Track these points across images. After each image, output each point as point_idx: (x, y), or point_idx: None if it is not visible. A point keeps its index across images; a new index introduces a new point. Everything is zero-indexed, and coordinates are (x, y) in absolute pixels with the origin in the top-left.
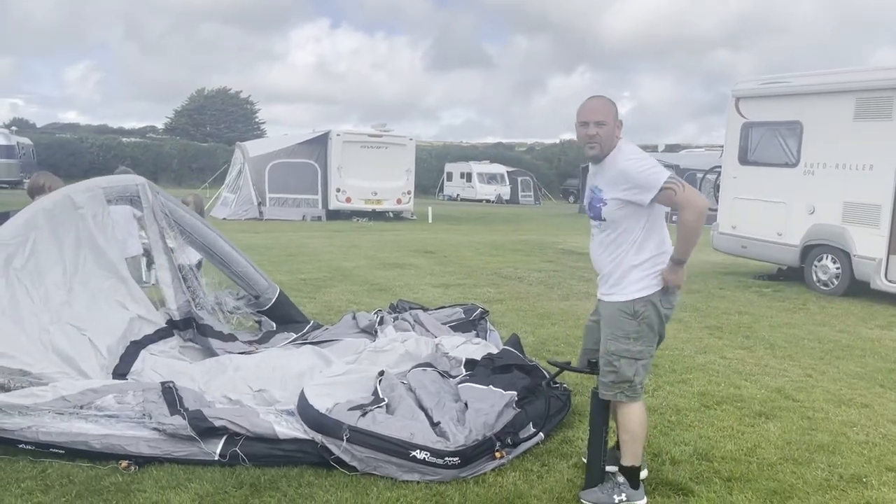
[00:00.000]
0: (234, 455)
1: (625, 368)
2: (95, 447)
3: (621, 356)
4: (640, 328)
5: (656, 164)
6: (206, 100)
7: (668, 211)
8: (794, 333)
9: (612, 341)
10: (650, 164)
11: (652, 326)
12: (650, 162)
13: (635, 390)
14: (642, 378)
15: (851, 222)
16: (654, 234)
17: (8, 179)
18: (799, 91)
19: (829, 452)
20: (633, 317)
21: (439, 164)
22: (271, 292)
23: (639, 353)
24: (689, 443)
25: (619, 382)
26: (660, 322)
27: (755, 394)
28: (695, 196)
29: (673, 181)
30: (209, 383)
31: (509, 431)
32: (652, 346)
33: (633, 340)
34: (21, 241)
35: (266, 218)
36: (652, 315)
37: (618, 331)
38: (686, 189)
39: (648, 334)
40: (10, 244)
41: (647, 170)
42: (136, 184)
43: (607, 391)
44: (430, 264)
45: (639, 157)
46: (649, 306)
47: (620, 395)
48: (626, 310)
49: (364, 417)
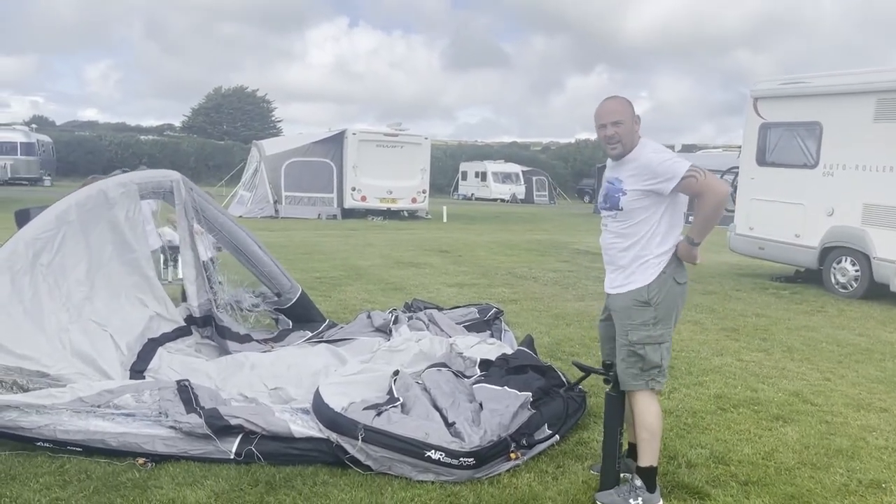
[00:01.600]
0: (249, 453)
1: (651, 354)
2: (112, 445)
3: (645, 343)
4: (656, 313)
5: (678, 156)
6: (224, 98)
7: (686, 211)
8: (811, 336)
9: (633, 331)
10: (671, 156)
11: (668, 311)
12: (671, 154)
13: (663, 374)
14: (668, 362)
15: (871, 224)
16: (676, 228)
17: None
18: (818, 92)
19: (847, 457)
20: (647, 304)
21: (454, 163)
22: (293, 292)
23: (660, 337)
24: (706, 446)
25: (648, 370)
26: (675, 297)
27: (772, 397)
28: (716, 182)
29: (695, 169)
30: (225, 381)
31: (524, 432)
32: (670, 326)
33: (653, 326)
34: (51, 236)
35: (282, 216)
36: (667, 294)
37: (636, 319)
38: (707, 175)
39: (666, 317)
40: (39, 239)
41: (669, 160)
42: (171, 179)
43: (636, 381)
44: (445, 263)
45: (660, 150)
46: (664, 284)
47: (651, 383)
48: (639, 298)
49: (379, 417)
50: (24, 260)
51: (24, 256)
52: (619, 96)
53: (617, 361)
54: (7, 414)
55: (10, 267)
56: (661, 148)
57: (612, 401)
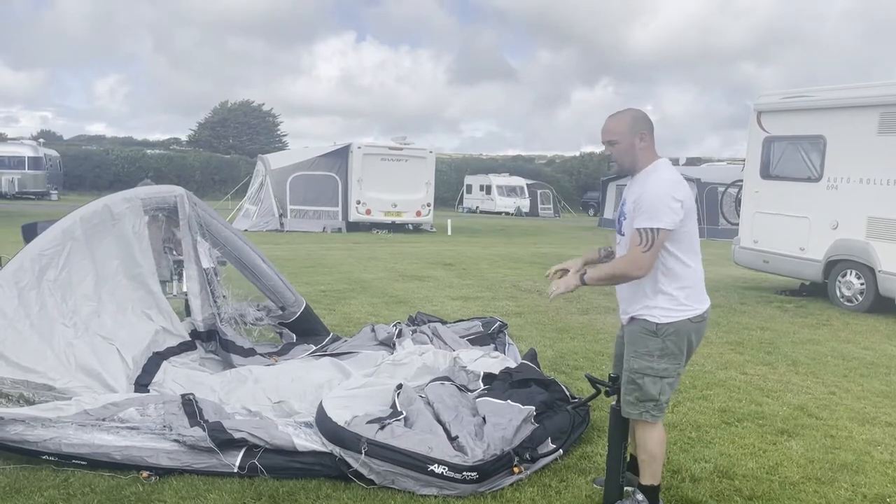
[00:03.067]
0: (252, 467)
1: (649, 387)
2: (116, 459)
3: (645, 374)
4: (664, 345)
5: (673, 212)
6: (229, 112)
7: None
8: (816, 350)
9: (635, 359)
10: (669, 204)
11: (678, 345)
12: (673, 204)
13: (660, 409)
14: (667, 397)
15: (876, 237)
16: (687, 261)
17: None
18: (822, 105)
19: (852, 472)
20: (655, 334)
21: (459, 177)
22: (297, 306)
23: (664, 371)
24: (710, 460)
25: (643, 401)
26: (687, 343)
27: (777, 411)
28: (643, 261)
29: (649, 234)
30: (229, 394)
31: (528, 446)
32: (678, 363)
33: (658, 358)
34: (57, 251)
35: (287, 230)
36: (678, 328)
37: (641, 348)
38: (650, 250)
39: (674, 352)
40: (45, 254)
41: (662, 205)
42: (175, 195)
43: (631, 409)
44: (449, 277)
45: (667, 191)
46: (675, 328)
47: (645, 415)
48: (647, 327)
49: (382, 430)
50: (30, 275)
51: (31, 272)
52: (621, 112)
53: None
54: (13, 427)
55: (16, 282)
56: (669, 184)
57: (616, 415)
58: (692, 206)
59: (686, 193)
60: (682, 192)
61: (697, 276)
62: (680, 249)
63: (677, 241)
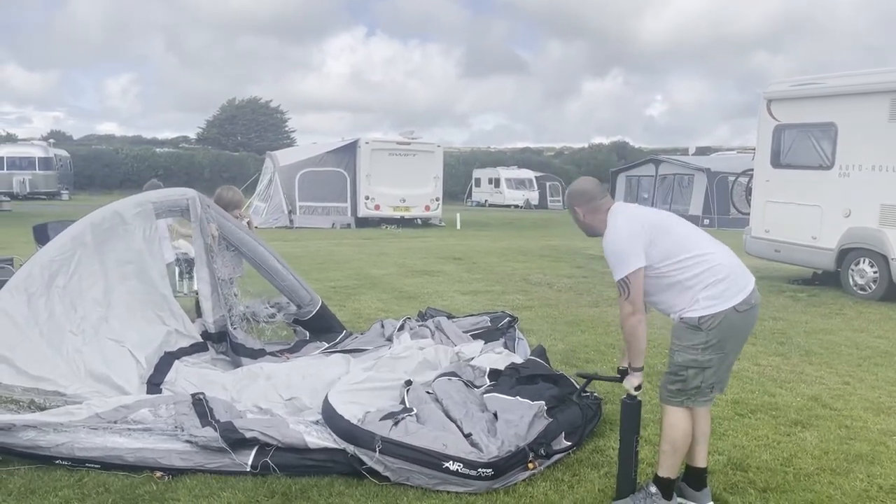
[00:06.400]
0: (265, 465)
1: (692, 378)
2: (129, 461)
3: (689, 367)
4: (708, 338)
5: (630, 254)
6: (237, 110)
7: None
8: (830, 339)
9: (679, 352)
10: (624, 247)
11: (721, 337)
12: (626, 244)
13: (703, 394)
14: (711, 382)
15: (889, 225)
16: (694, 262)
17: (46, 191)
18: (832, 92)
19: (867, 462)
20: (698, 328)
21: (467, 170)
22: (313, 304)
23: (707, 363)
24: (724, 452)
25: (686, 391)
26: (734, 332)
27: (791, 402)
28: (630, 307)
29: (622, 285)
30: (241, 392)
31: (542, 442)
32: (722, 353)
33: (701, 351)
34: (67, 258)
35: (296, 226)
36: (723, 320)
37: (685, 342)
38: (630, 297)
39: (719, 343)
40: (55, 261)
41: (620, 251)
42: (187, 197)
43: (673, 398)
44: (459, 271)
45: (618, 236)
46: (718, 321)
47: (687, 402)
48: (691, 323)
49: (396, 427)
50: (39, 282)
51: (40, 279)
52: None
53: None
54: (25, 434)
55: (26, 289)
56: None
57: (628, 409)
58: (661, 221)
59: (639, 220)
60: (633, 224)
61: (727, 267)
62: (678, 259)
63: (667, 255)
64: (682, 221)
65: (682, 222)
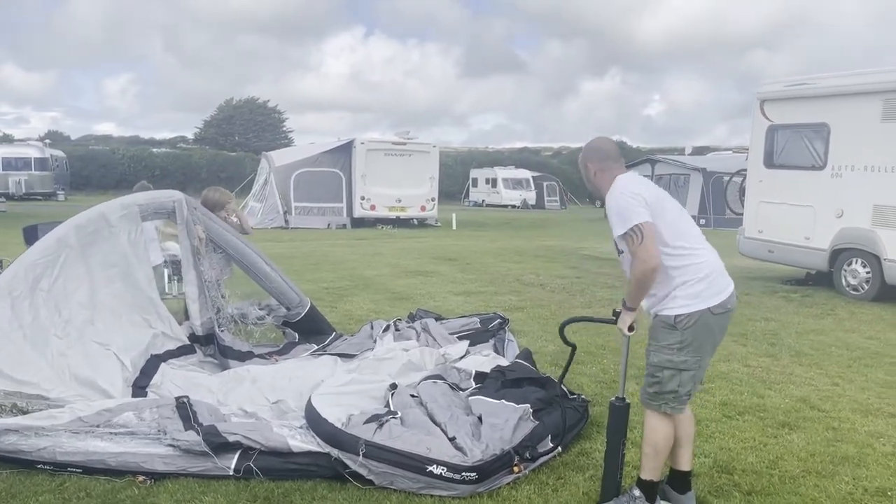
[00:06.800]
0: (248, 469)
1: (668, 381)
2: (111, 465)
3: (664, 367)
4: (683, 338)
5: (638, 207)
6: (235, 110)
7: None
8: (821, 340)
9: (654, 353)
10: (631, 202)
11: (698, 337)
12: (633, 200)
13: (680, 401)
14: (688, 389)
15: (881, 225)
16: (682, 255)
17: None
18: (825, 93)
19: (854, 465)
20: (673, 328)
21: (465, 170)
22: (302, 306)
23: (683, 364)
24: (710, 454)
25: (662, 393)
26: (709, 335)
27: (779, 403)
28: (644, 253)
29: (635, 231)
30: (227, 395)
31: (528, 445)
32: (699, 356)
33: (677, 351)
34: (51, 261)
35: (292, 226)
36: (698, 321)
37: (661, 341)
38: (643, 243)
39: (693, 345)
40: (38, 264)
41: (626, 205)
42: (174, 200)
43: (651, 401)
44: (453, 272)
45: (625, 192)
46: (693, 320)
47: (664, 407)
48: (667, 321)
49: (381, 430)
50: (23, 285)
51: (24, 281)
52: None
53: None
54: (7, 438)
55: (9, 292)
56: (626, 189)
57: (615, 411)
58: (659, 199)
59: (644, 187)
60: (638, 187)
61: (712, 264)
62: (668, 244)
63: (659, 236)
64: (681, 210)
65: (680, 210)
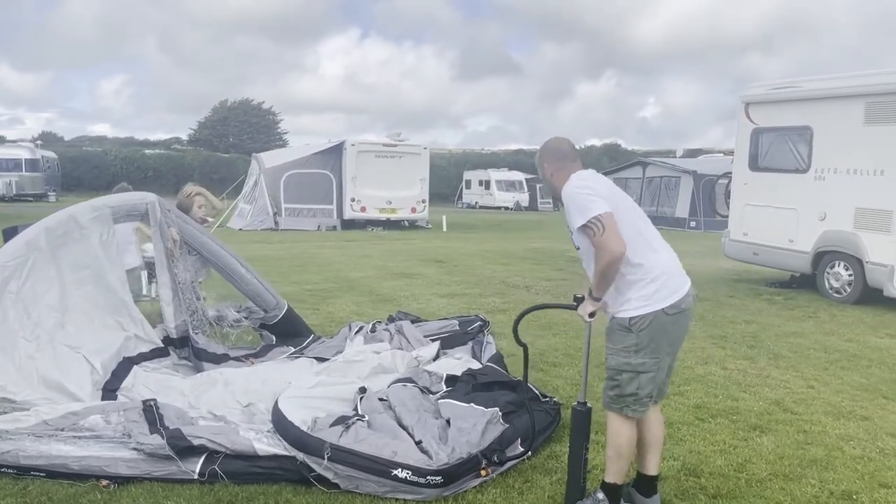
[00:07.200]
0: (213, 473)
1: (627, 384)
2: (74, 469)
3: (622, 370)
4: (638, 340)
5: (595, 198)
6: (229, 111)
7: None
8: (800, 343)
9: (612, 356)
10: (587, 195)
11: (654, 339)
12: (589, 193)
13: (641, 403)
14: (648, 391)
15: (863, 228)
16: (636, 254)
17: (33, 192)
18: (808, 96)
19: (821, 468)
20: (629, 330)
21: (458, 172)
22: (279, 309)
23: (641, 367)
24: (679, 458)
25: (623, 396)
26: (665, 336)
27: (752, 406)
28: (609, 242)
29: (595, 222)
30: (199, 398)
31: (496, 448)
32: (657, 358)
33: (633, 353)
34: (20, 263)
35: (281, 228)
36: (652, 322)
37: (617, 344)
38: (605, 233)
39: (650, 346)
40: (7, 266)
41: (582, 198)
42: (146, 202)
43: (613, 404)
44: (439, 274)
45: (580, 186)
46: (648, 322)
47: (626, 410)
48: (622, 324)
49: (347, 432)
50: None
51: None
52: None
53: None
54: None
55: None
56: (582, 183)
57: (578, 415)
58: (614, 196)
59: (598, 183)
60: (593, 182)
61: (665, 265)
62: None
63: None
64: (638, 210)
65: (637, 210)
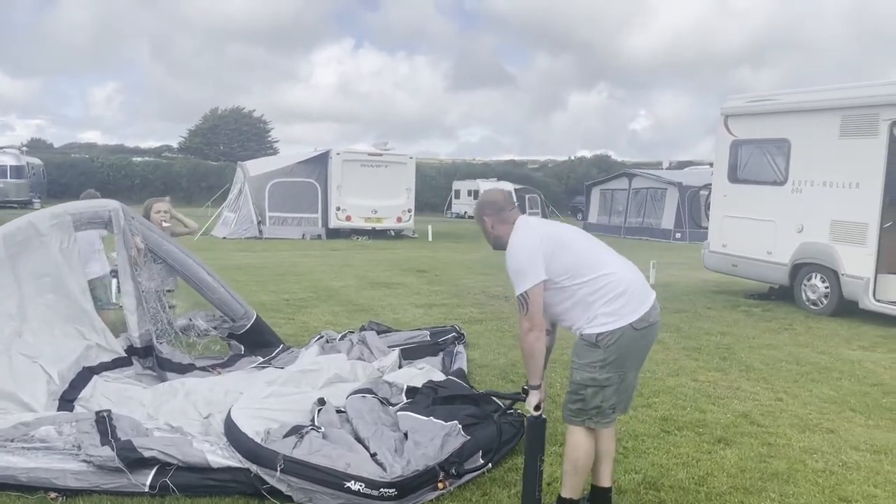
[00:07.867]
0: (164, 486)
1: (591, 398)
2: (22, 481)
3: (587, 385)
4: (605, 356)
5: (531, 265)
6: (220, 119)
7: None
8: (772, 355)
9: (577, 371)
10: (523, 263)
11: (620, 354)
12: (527, 259)
13: (604, 415)
14: (611, 402)
15: (839, 241)
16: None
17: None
18: (786, 109)
19: (782, 481)
20: (595, 346)
21: (448, 182)
22: (247, 318)
23: (605, 381)
24: (640, 471)
25: (586, 410)
26: (633, 350)
27: (719, 418)
28: (529, 322)
29: (521, 300)
30: (159, 408)
31: (455, 461)
32: (621, 371)
33: (599, 369)
34: None
35: (266, 237)
36: (620, 338)
37: (583, 359)
38: (528, 311)
39: (617, 362)
40: None
41: (519, 268)
42: (109, 209)
43: (574, 417)
44: (420, 283)
45: (520, 251)
46: (615, 338)
47: (588, 422)
48: (589, 340)
49: (301, 443)
50: None
51: None
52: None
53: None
54: None
55: None
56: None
57: (532, 427)
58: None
59: (540, 235)
60: (534, 238)
61: (626, 282)
62: (579, 275)
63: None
64: (584, 236)
65: (584, 237)
